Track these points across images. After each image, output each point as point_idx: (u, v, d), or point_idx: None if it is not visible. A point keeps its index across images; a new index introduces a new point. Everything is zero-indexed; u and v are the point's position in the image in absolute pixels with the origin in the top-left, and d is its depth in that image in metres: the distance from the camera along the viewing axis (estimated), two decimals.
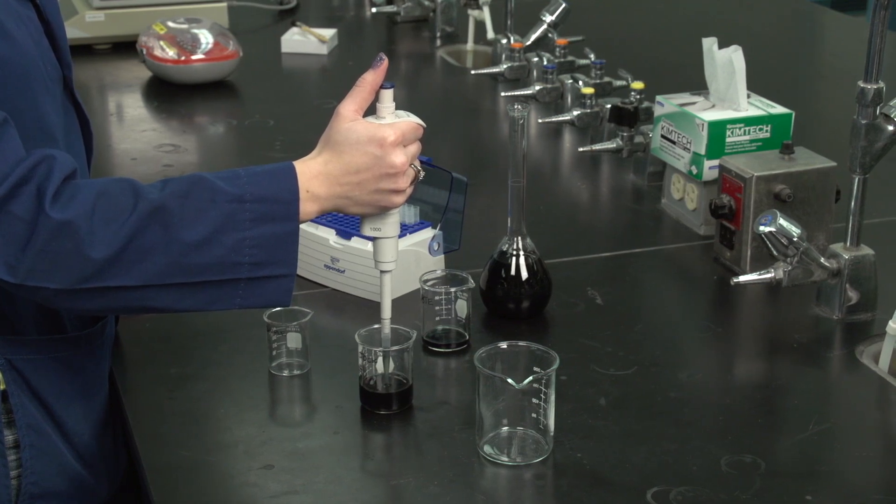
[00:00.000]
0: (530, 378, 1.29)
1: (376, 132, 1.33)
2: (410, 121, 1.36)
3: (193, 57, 2.57)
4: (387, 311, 1.42)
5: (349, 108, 1.34)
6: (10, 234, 1.20)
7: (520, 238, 1.60)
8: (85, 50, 2.81)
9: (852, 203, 1.60)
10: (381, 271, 1.42)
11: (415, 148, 1.37)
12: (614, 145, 2.10)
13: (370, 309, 1.64)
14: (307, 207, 1.31)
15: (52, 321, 1.40)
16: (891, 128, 1.56)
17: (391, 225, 1.39)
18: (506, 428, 1.34)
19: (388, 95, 1.36)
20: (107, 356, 1.49)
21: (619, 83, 2.37)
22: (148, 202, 1.24)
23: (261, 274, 1.29)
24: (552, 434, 1.33)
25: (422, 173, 1.38)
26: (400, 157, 1.33)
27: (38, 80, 1.33)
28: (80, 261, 1.21)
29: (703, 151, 1.85)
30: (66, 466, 1.41)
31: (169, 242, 1.24)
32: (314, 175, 1.32)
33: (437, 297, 1.54)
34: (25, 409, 1.37)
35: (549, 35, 2.60)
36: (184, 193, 1.26)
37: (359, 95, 1.35)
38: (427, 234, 1.70)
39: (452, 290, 1.54)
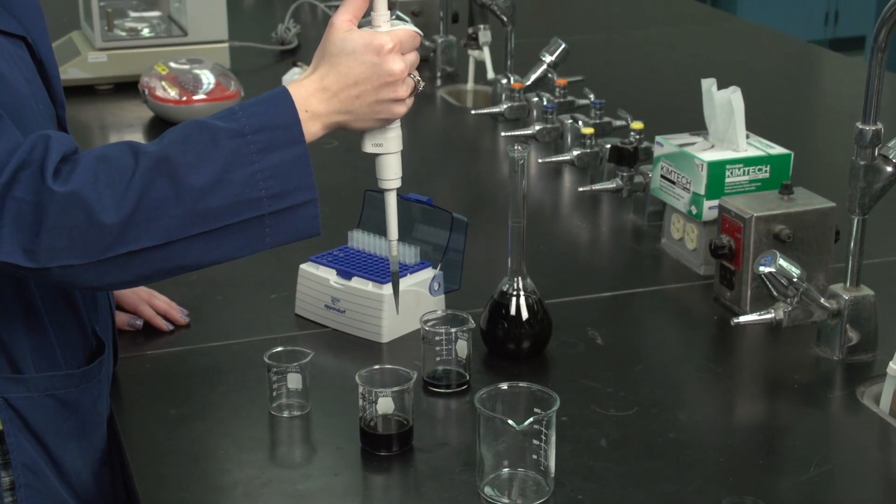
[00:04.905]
0: (531, 419, 1.29)
1: (373, 39, 1.29)
2: (408, 28, 1.33)
3: (195, 97, 2.58)
4: (393, 233, 1.40)
5: (343, 17, 1.31)
6: (20, 220, 1.19)
7: (520, 278, 1.60)
8: (87, 90, 2.82)
9: (852, 243, 1.61)
10: (385, 189, 1.39)
11: (413, 56, 1.33)
12: (614, 185, 2.10)
13: (371, 349, 1.64)
14: (310, 128, 1.28)
15: (47, 358, 1.39)
16: (889, 169, 1.56)
17: (393, 140, 1.36)
18: (506, 469, 1.34)
19: (382, 2, 1.32)
20: (104, 394, 1.48)
21: (618, 123, 2.37)
22: (149, 156, 1.22)
23: (282, 205, 1.26)
24: (553, 475, 1.33)
25: (421, 83, 1.34)
26: (398, 64, 1.30)
27: (31, 119, 1.32)
28: (95, 230, 1.20)
29: (702, 191, 1.85)
30: None
31: (179, 192, 1.22)
32: (311, 93, 1.29)
33: (437, 338, 1.54)
34: (22, 448, 1.37)
35: (549, 75, 2.61)
36: (183, 139, 1.24)
37: (352, 4, 1.31)
38: (427, 274, 1.70)
39: (453, 330, 1.54)
